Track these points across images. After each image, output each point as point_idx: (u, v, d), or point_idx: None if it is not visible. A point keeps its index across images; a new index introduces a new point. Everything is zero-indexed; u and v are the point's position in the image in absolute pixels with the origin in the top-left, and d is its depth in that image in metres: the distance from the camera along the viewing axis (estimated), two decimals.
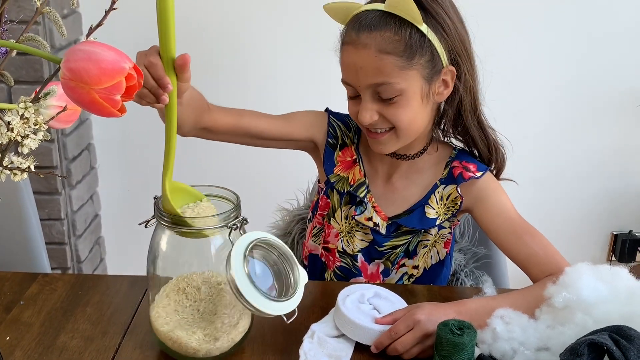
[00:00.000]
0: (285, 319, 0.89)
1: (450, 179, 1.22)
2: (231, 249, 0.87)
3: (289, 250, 0.94)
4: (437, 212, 1.22)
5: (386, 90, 1.09)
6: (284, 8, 2.05)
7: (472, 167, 1.21)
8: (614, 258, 2.35)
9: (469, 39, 1.15)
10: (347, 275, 1.30)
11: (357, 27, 1.08)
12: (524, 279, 1.53)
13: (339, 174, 1.26)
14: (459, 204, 1.21)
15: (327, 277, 1.33)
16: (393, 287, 1.22)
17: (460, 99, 1.16)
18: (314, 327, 1.04)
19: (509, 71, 2.05)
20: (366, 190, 1.24)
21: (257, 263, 0.92)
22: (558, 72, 2.12)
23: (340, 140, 1.28)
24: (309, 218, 1.40)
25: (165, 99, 0.92)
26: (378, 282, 1.29)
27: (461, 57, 1.12)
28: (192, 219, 0.93)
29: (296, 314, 0.91)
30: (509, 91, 2.06)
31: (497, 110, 1.29)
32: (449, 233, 1.27)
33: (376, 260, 1.28)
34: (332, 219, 1.29)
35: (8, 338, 1.04)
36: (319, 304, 1.13)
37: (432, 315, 0.99)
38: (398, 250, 1.26)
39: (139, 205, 2.06)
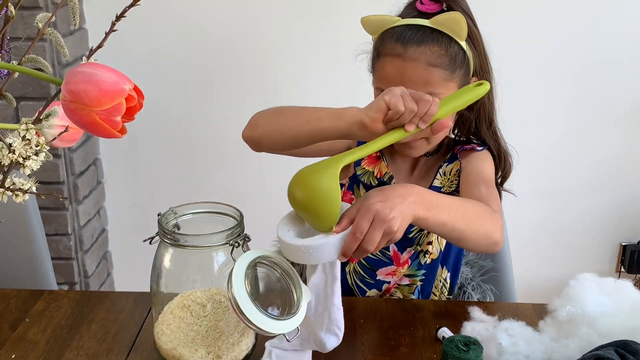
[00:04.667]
0: (287, 337, 0.89)
1: (453, 157, 1.29)
2: (233, 267, 0.87)
3: (292, 267, 0.94)
4: (441, 182, 1.29)
5: None
6: (302, 18, 2.06)
7: (474, 145, 1.28)
8: (622, 269, 2.33)
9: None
10: (374, 267, 1.31)
11: (403, 41, 1.14)
12: (531, 292, 1.53)
13: (364, 167, 1.31)
14: (459, 174, 1.27)
15: (349, 270, 1.33)
16: (400, 302, 1.22)
17: (480, 109, 1.25)
18: (268, 346, 1.01)
19: (515, 85, 2.05)
20: (394, 183, 1.29)
21: (259, 281, 0.91)
22: (565, 85, 2.11)
23: None
24: None
25: (412, 127, 0.97)
26: (406, 267, 1.30)
27: (484, 70, 1.22)
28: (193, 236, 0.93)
29: (298, 332, 0.91)
30: (516, 105, 2.05)
31: (503, 123, 1.31)
32: None
33: (408, 249, 1.30)
34: None
35: (13, 356, 1.05)
36: None
37: (387, 200, 0.95)
38: (424, 231, 1.29)
39: (146, 219, 2.06)
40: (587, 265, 2.31)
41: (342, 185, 1.35)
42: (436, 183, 1.28)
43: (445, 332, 1.09)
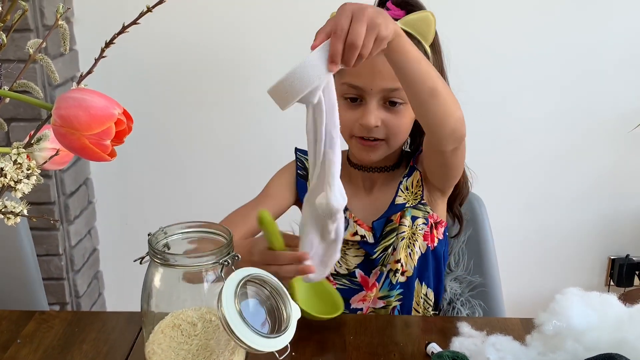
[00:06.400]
0: (277, 355, 0.90)
1: (411, 170, 1.31)
2: (222, 286, 0.88)
3: (282, 285, 0.95)
4: (404, 198, 1.28)
5: (397, 96, 1.17)
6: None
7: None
8: (612, 283, 2.35)
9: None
10: (347, 296, 1.30)
11: None
12: (520, 309, 1.54)
13: None
14: (421, 182, 1.29)
15: None
16: (389, 318, 1.23)
17: None
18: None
19: (503, 99, 2.07)
20: (348, 209, 1.29)
21: (249, 299, 0.92)
22: (551, 99, 2.14)
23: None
24: None
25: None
26: (375, 289, 1.29)
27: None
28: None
29: (289, 349, 0.92)
30: (502, 118, 2.08)
31: (491, 137, 1.32)
32: (424, 224, 1.29)
33: (373, 270, 1.30)
34: None
35: None
36: (313, 338, 1.14)
37: (363, 4, 0.91)
38: (389, 250, 1.28)
39: (137, 239, 2.05)
40: (576, 279, 2.32)
41: None
42: (399, 200, 1.28)
43: (434, 347, 1.10)
